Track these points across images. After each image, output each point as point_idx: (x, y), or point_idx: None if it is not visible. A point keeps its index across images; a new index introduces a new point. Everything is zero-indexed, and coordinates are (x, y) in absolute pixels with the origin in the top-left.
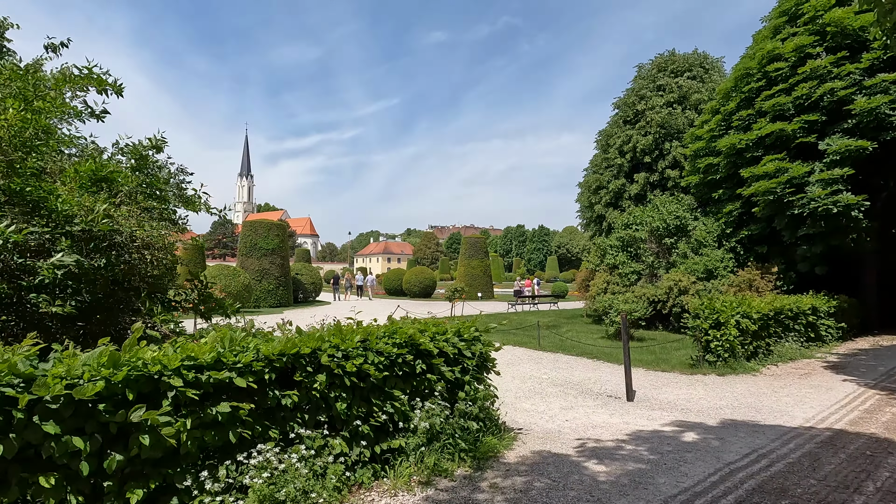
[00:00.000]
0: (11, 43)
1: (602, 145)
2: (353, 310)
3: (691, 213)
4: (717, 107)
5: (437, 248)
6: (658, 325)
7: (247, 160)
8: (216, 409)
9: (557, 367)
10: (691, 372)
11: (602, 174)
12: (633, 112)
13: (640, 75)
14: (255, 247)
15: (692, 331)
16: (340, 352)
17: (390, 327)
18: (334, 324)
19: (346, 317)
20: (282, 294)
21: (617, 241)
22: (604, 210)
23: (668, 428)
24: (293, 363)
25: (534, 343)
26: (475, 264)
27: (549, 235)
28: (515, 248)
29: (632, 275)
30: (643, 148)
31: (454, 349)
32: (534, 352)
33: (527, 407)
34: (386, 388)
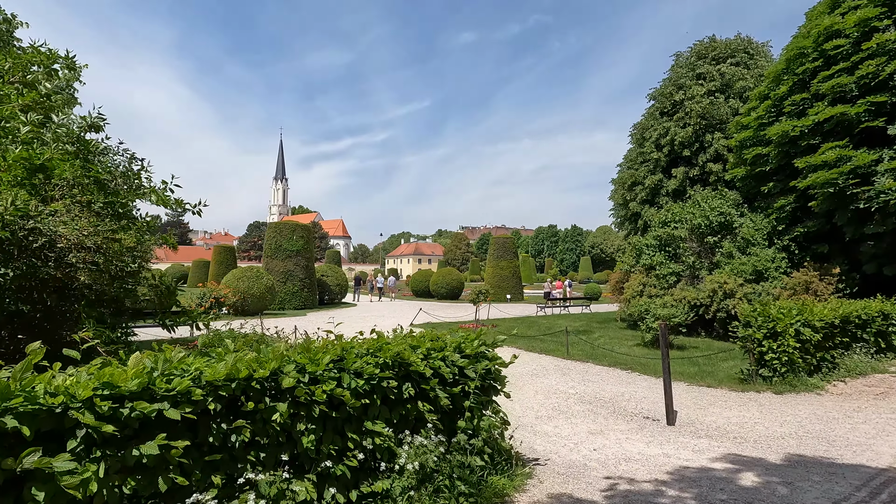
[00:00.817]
0: (22, 43)
1: (637, 139)
2: (365, 317)
3: (737, 208)
4: (766, 92)
5: (468, 249)
6: (700, 331)
7: (281, 164)
8: (141, 450)
9: (587, 379)
10: (742, 388)
11: (637, 170)
12: (671, 103)
13: (677, 64)
14: (280, 248)
15: (742, 341)
16: (307, 374)
17: (374, 343)
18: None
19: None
20: (306, 296)
21: (654, 239)
22: (639, 207)
23: (719, 465)
24: (246, 390)
25: (562, 351)
26: (504, 265)
27: (583, 235)
28: (547, 249)
29: (670, 276)
30: (682, 141)
31: (453, 369)
32: (561, 361)
33: (548, 430)
34: (366, 418)
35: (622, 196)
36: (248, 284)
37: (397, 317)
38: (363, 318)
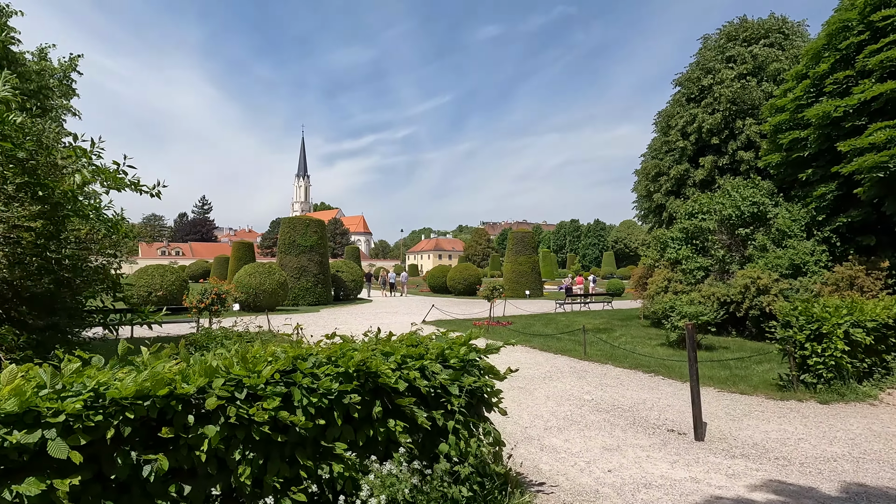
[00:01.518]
0: (20, 34)
1: (662, 127)
2: (377, 313)
3: (771, 198)
4: (804, 71)
5: (489, 245)
6: (731, 330)
7: (303, 161)
8: (18, 489)
9: (605, 383)
10: (781, 396)
11: (662, 159)
12: (698, 88)
13: (705, 47)
14: (294, 244)
15: (781, 343)
16: (244, 390)
17: (336, 349)
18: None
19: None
20: (320, 292)
21: (680, 232)
22: (664, 199)
23: (760, 496)
24: (165, 410)
25: (579, 351)
26: (522, 260)
27: (606, 230)
28: (569, 244)
29: (697, 271)
30: (710, 128)
31: (433, 382)
32: (578, 362)
33: (557, 444)
34: (323, 441)
35: (646, 187)
36: (260, 280)
37: (410, 313)
38: (375, 315)
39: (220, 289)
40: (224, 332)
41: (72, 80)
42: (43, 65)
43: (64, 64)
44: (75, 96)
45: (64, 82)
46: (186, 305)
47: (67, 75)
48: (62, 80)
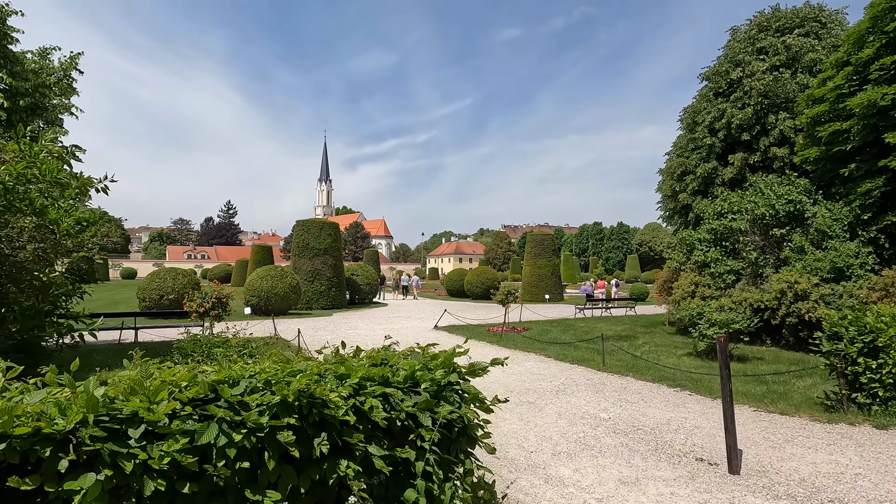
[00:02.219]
0: (22, 34)
1: (687, 124)
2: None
3: (809, 196)
4: (845, 58)
5: (509, 248)
6: (765, 339)
7: (325, 166)
8: None
9: (624, 398)
10: (828, 419)
11: (688, 157)
12: (727, 82)
13: (734, 39)
14: (308, 247)
15: (828, 356)
16: (141, 426)
17: (272, 371)
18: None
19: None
20: (334, 295)
21: (708, 233)
22: (690, 199)
23: None
24: (28, 455)
25: (597, 361)
26: (542, 264)
27: (629, 233)
28: (592, 247)
29: (728, 275)
30: (740, 123)
31: (397, 413)
32: (595, 373)
33: (566, 475)
34: (251, 491)
35: (671, 187)
36: (272, 284)
37: (423, 317)
38: (387, 319)
39: (221, 292)
40: (211, 338)
41: (72, 79)
42: (42, 64)
43: (64, 63)
44: (75, 94)
45: (64, 81)
46: (186, 310)
47: (68, 74)
48: (62, 79)
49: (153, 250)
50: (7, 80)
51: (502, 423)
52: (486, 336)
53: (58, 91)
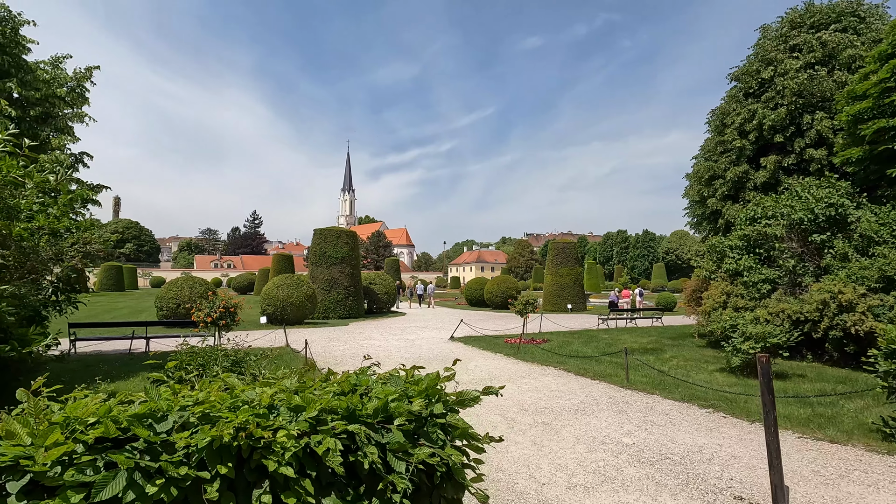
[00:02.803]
0: (37, 45)
1: (716, 126)
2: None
3: (851, 199)
4: (889, 50)
5: (532, 257)
6: (806, 354)
7: (349, 176)
8: None
9: (650, 420)
10: (888, 449)
11: (716, 161)
12: (757, 82)
13: (765, 37)
14: (325, 255)
15: (886, 378)
16: (24, 476)
17: (217, 400)
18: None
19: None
20: (351, 305)
21: (740, 240)
22: (719, 204)
23: None
24: None
25: (620, 377)
26: (564, 272)
27: (655, 241)
28: (617, 255)
29: (762, 284)
30: (772, 124)
31: (358, 456)
32: (619, 391)
33: None
34: None
35: (698, 192)
36: (288, 293)
37: (440, 328)
38: (403, 330)
39: (229, 302)
40: (213, 352)
41: (85, 89)
42: (54, 74)
43: (78, 73)
44: (86, 104)
45: (76, 91)
46: (194, 319)
47: (81, 84)
48: (74, 89)
49: (182, 259)
50: (17, 90)
51: (513, 448)
52: (503, 348)
53: (69, 100)
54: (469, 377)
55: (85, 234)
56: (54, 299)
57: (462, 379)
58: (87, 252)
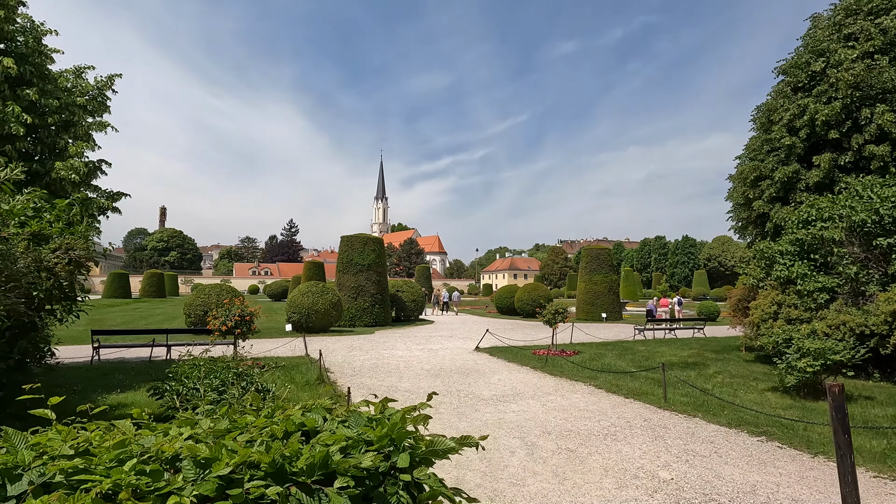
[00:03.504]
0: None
1: (762, 123)
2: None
3: None
4: None
5: (566, 264)
6: (873, 372)
7: (382, 184)
8: None
9: (692, 449)
10: None
11: (763, 160)
12: (808, 75)
13: (816, 26)
14: (352, 262)
15: None
16: None
17: (106, 448)
18: None
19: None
20: (378, 312)
21: (791, 244)
22: (766, 206)
23: None
24: None
25: (658, 395)
26: (598, 280)
27: (696, 247)
28: (655, 262)
29: (819, 293)
30: (826, 120)
31: None
32: (655, 412)
33: None
34: None
35: (743, 194)
36: (313, 300)
37: (466, 337)
38: (428, 339)
39: (245, 310)
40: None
41: (106, 98)
42: (76, 83)
43: (100, 82)
44: (107, 112)
45: (98, 99)
46: (209, 327)
47: (102, 93)
48: (95, 97)
49: (222, 267)
50: (34, 97)
51: (531, 480)
52: (530, 360)
53: (90, 108)
54: (491, 392)
55: (67, 239)
56: (48, 308)
57: (483, 394)
58: (72, 259)
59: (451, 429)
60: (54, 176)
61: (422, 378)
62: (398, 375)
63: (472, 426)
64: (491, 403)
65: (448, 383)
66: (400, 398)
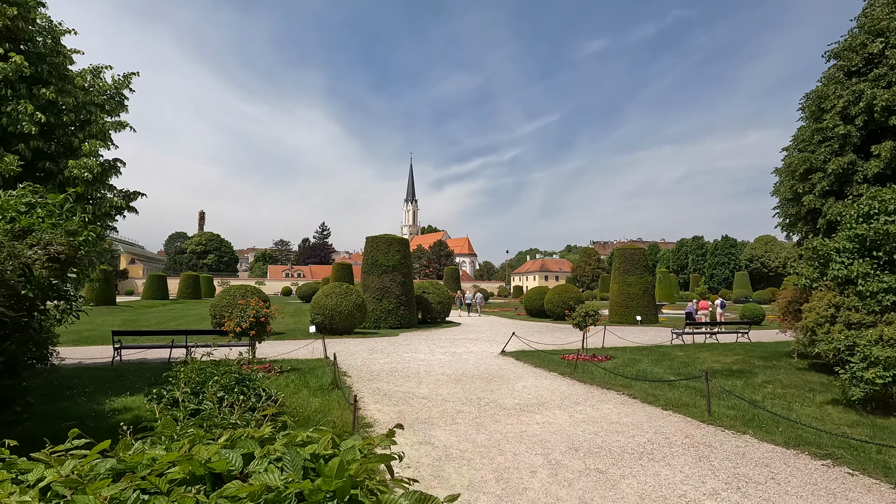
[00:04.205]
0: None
1: (811, 112)
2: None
3: None
4: None
5: (599, 265)
6: None
7: (411, 187)
8: None
9: (742, 475)
10: None
11: (813, 152)
12: (863, 58)
13: (873, 4)
14: (377, 264)
15: None
16: None
17: None
18: None
19: None
20: (403, 314)
21: (850, 241)
22: (818, 201)
23: None
24: None
25: (700, 408)
26: (632, 281)
27: (737, 247)
28: (692, 264)
29: (885, 295)
30: (886, 104)
31: None
32: (698, 427)
33: None
34: None
35: (791, 188)
36: (336, 301)
37: (492, 340)
38: (452, 342)
39: (259, 311)
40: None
41: (123, 97)
42: (93, 82)
43: (117, 81)
44: (124, 111)
45: (115, 98)
46: (224, 329)
47: (120, 92)
48: (113, 96)
49: (257, 269)
50: (50, 96)
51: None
52: (559, 365)
53: (108, 108)
54: (514, 401)
55: (46, 233)
56: (42, 308)
57: (506, 403)
58: (52, 255)
59: (469, 442)
60: (67, 174)
61: (441, 383)
62: (417, 380)
63: (491, 439)
64: (513, 413)
65: (469, 390)
66: (416, 406)
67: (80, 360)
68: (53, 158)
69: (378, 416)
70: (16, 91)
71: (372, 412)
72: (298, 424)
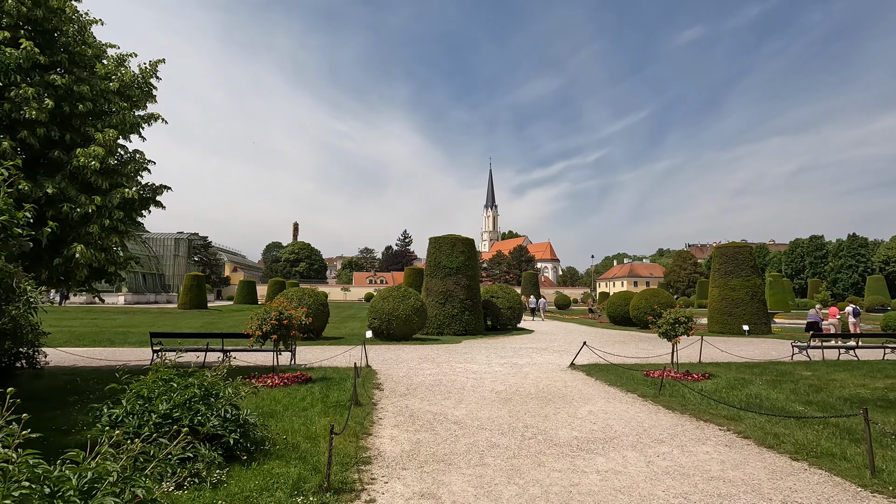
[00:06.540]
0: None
1: None
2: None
3: None
4: None
5: (695, 270)
6: None
7: (491, 193)
8: None
9: None
10: None
11: None
12: None
13: None
14: (440, 266)
15: None
16: None
17: None
18: None
19: None
20: (468, 320)
21: None
22: None
23: None
24: None
25: (854, 461)
26: (736, 284)
27: (867, 248)
28: (810, 267)
29: None
30: None
31: None
32: (856, 494)
33: None
34: None
35: None
36: (393, 305)
37: (562, 351)
38: (516, 352)
39: (283, 313)
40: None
41: (151, 86)
42: (115, 70)
43: (144, 70)
44: (152, 101)
45: (143, 88)
46: (246, 333)
47: (147, 80)
48: (140, 86)
49: (343, 276)
50: (59, 82)
51: None
52: (640, 385)
53: (134, 98)
54: (571, 433)
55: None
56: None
57: (560, 436)
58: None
59: (490, 499)
60: (75, 164)
61: (485, 404)
62: (457, 398)
63: (524, 497)
64: (566, 453)
65: (516, 414)
66: (441, 434)
67: (125, 362)
68: (66, 148)
69: (386, 447)
70: (30, 79)
71: (381, 442)
72: (272, 457)
